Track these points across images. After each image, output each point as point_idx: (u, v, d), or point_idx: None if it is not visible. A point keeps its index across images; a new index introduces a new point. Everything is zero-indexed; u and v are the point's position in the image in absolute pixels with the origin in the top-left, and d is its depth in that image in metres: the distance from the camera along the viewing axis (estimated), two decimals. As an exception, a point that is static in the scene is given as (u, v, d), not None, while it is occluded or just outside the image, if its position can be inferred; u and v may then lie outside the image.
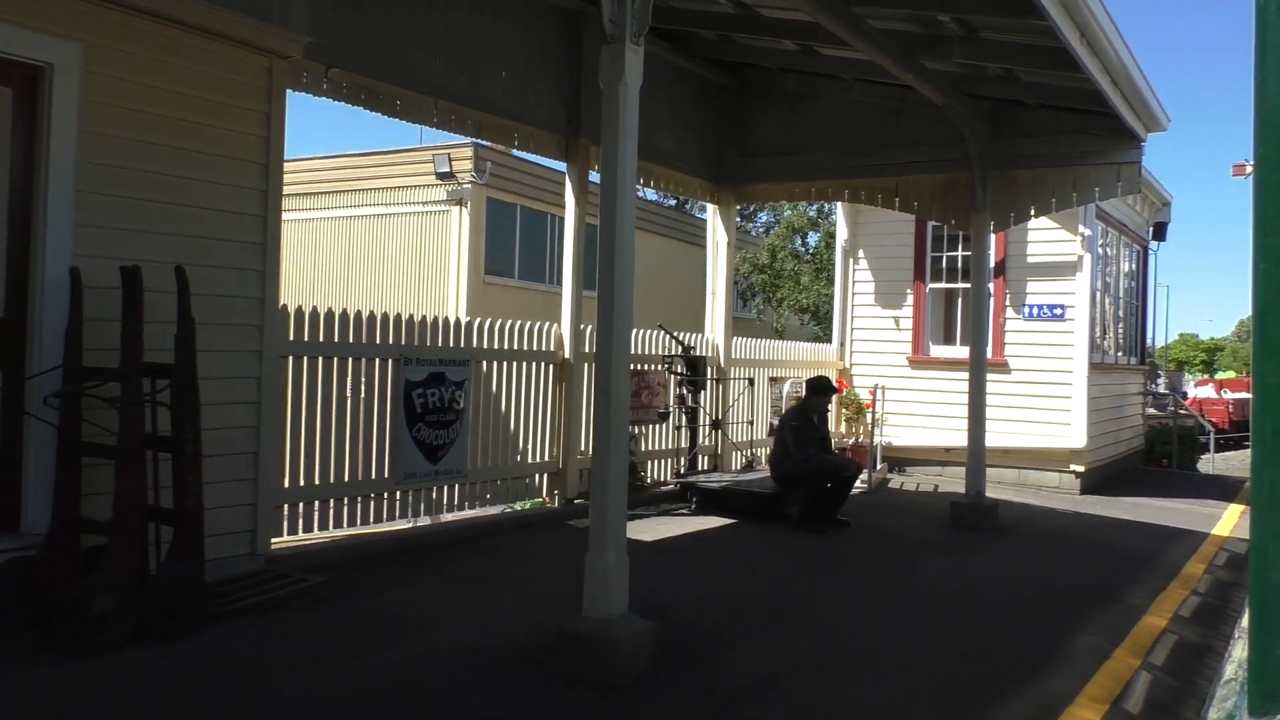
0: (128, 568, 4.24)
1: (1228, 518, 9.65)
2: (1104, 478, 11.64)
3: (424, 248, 17.08)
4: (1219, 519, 9.54)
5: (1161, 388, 27.15)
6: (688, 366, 9.34)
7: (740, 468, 9.88)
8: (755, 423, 10.44)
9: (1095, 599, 5.96)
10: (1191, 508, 10.31)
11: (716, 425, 9.73)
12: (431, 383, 6.70)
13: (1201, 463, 17.65)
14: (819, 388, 8.38)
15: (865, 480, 10.07)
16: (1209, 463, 18.81)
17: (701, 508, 8.48)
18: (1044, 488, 10.96)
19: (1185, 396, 30.00)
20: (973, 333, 8.64)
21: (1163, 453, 15.04)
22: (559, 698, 3.87)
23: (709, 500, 8.51)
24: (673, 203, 27.21)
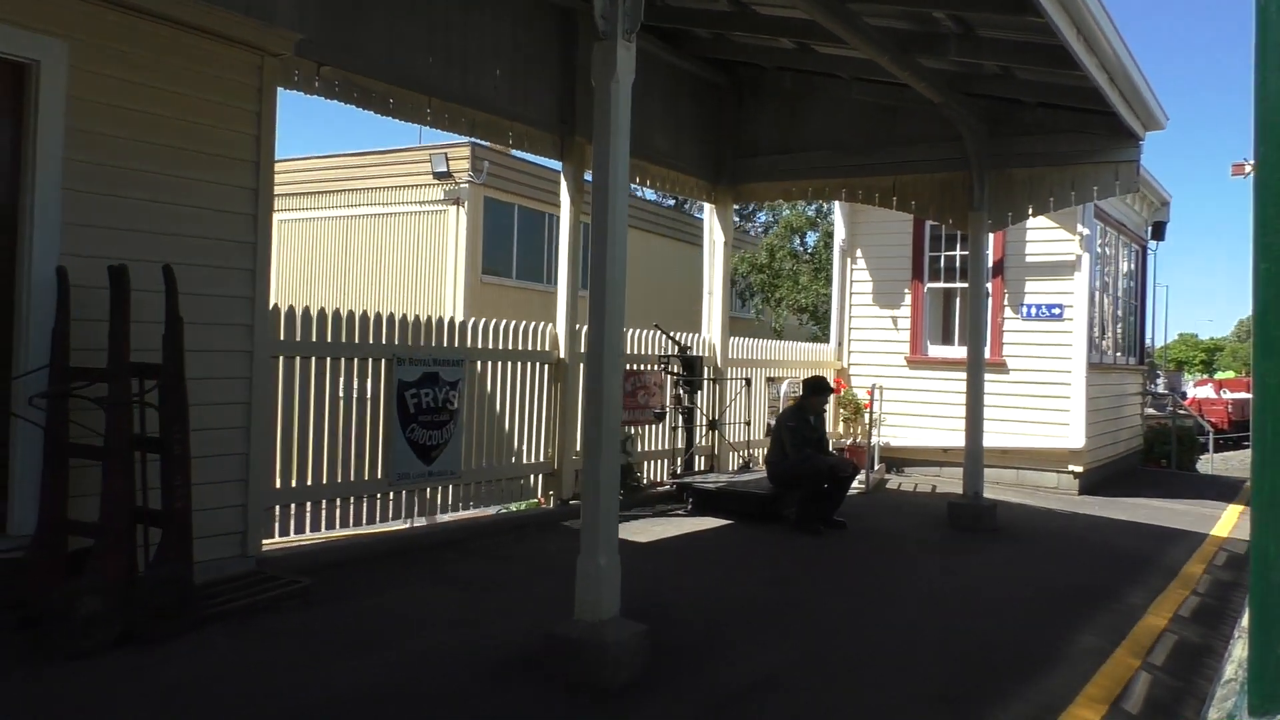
0: (115, 570, 4.20)
1: (1227, 518, 9.61)
2: (1103, 478, 11.60)
3: (421, 248, 17.03)
4: (1218, 519, 9.50)
5: (1161, 388, 27.11)
6: (684, 366, 9.29)
7: (737, 468, 9.84)
8: (752, 423, 10.39)
9: (1094, 599, 5.93)
10: (1191, 508, 10.27)
11: (713, 426, 9.69)
12: (425, 383, 6.65)
13: (1201, 463, 17.61)
14: (816, 388, 8.35)
15: (863, 481, 10.02)
16: (1208, 463, 18.79)
17: (698, 509, 8.44)
18: (1042, 488, 10.92)
19: (1184, 396, 29.97)
20: (970, 333, 8.60)
21: (1162, 453, 15.00)
22: (553, 701, 3.83)
23: (705, 501, 8.47)
24: (671, 203, 27.17)
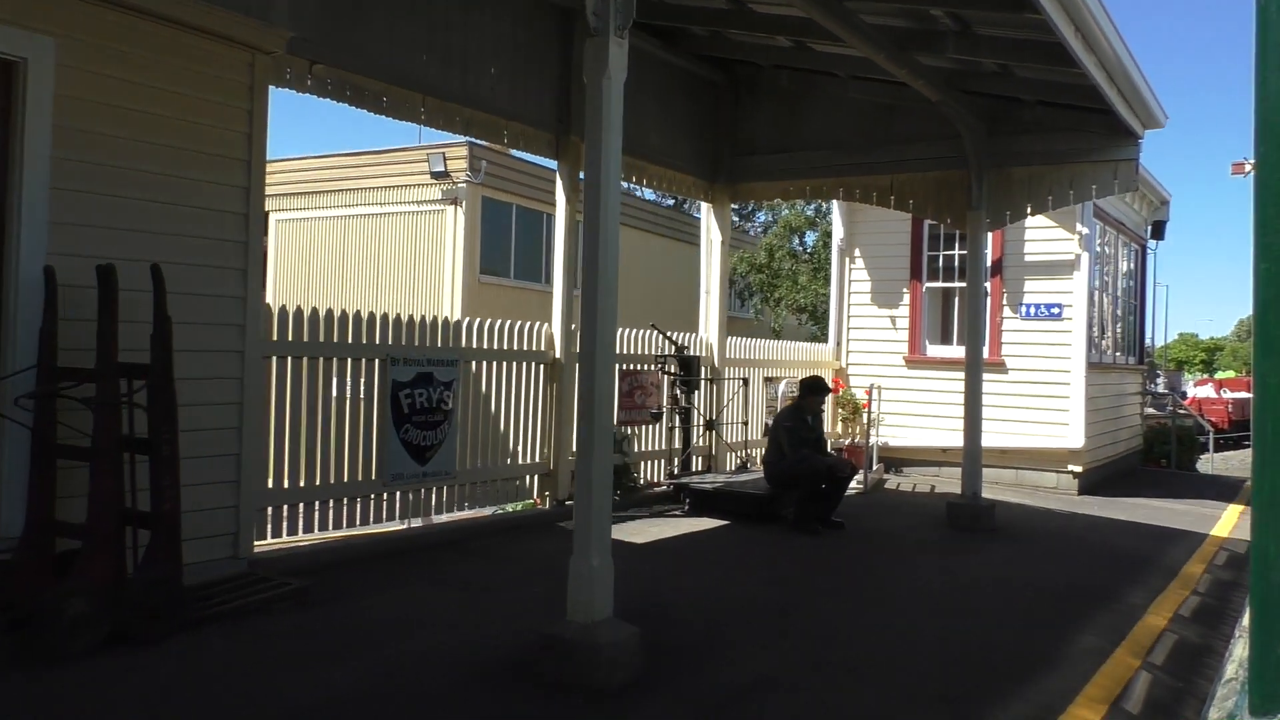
0: (102, 572, 4.16)
1: (1227, 518, 9.56)
2: (1102, 478, 11.55)
3: (419, 247, 16.99)
4: (1218, 519, 9.45)
5: (1160, 387, 27.07)
6: (681, 366, 9.25)
7: (734, 469, 9.79)
8: (750, 423, 10.35)
9: (1094, 599, 5.90)
10: (1190, 508, 10.23)
11: (710, 426, 9.64)
12: (419, 383, 6.61)
13: (1201, 463, 17.55)
14: (813, 388, 8.31)
15: (861, 481, 9.98)
16: (1208, 463, 18.72)
17: (695, 509, 8.39)
18: (1041, 488, 10.88)
19: (1184, 396, 29.92)
20: (968, 332, 8.56)
21: (1161, 453, 14.95)
22: (546, 703, 3.79)
23: (702, 501, 8.43)
24: (671, 202, 27.12)
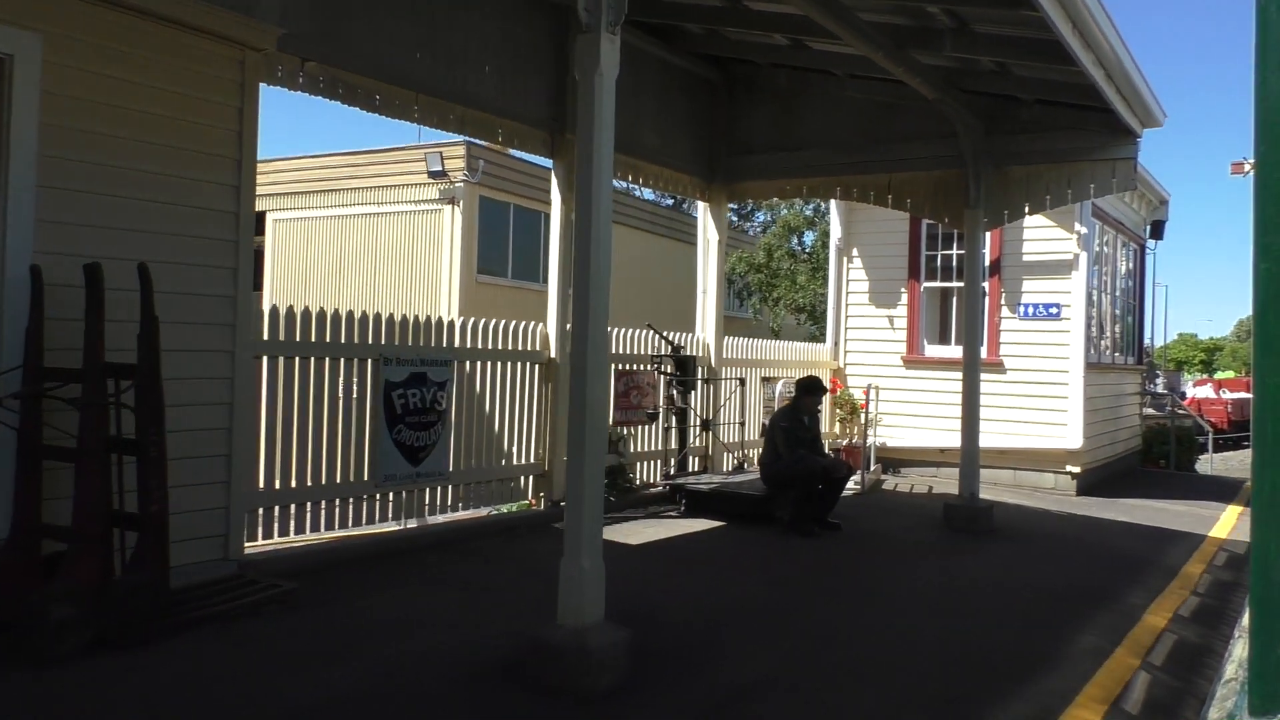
0: (88, 574, 4.12)
1: (1226, 519, 9.52)
2: (1100, 479, 11.51)
3: (416, 247, 16.94)
4: (1217, 520, 9.41)
5: (1160, 388, 27.00)
6: (677, 366, 9.20)
7: (731, 469, 9.75)
8: (747, 423, 10.30)
9: (1093, 600, 5.87)
10: (1189, 509, 10.18)
11: (706, 426, 9.60)
12: (412, 383, 6.56)
13: (1200, 463, 17.52)
14: (809, 388, 8.26)
15: (858, 481, 9.94)
16: (1207, 463, 18.68)
17: (691, 510, 8.35)
18: (1040, 489, 10.83)
19: (1184, 396, 29.88)
20: (966, 332, 8.51)
21: (1160, 453, 14.91)
22: (535, 707, 3.74)
23: (698, 502, 8.38)
24: (670, 202, 27.07)
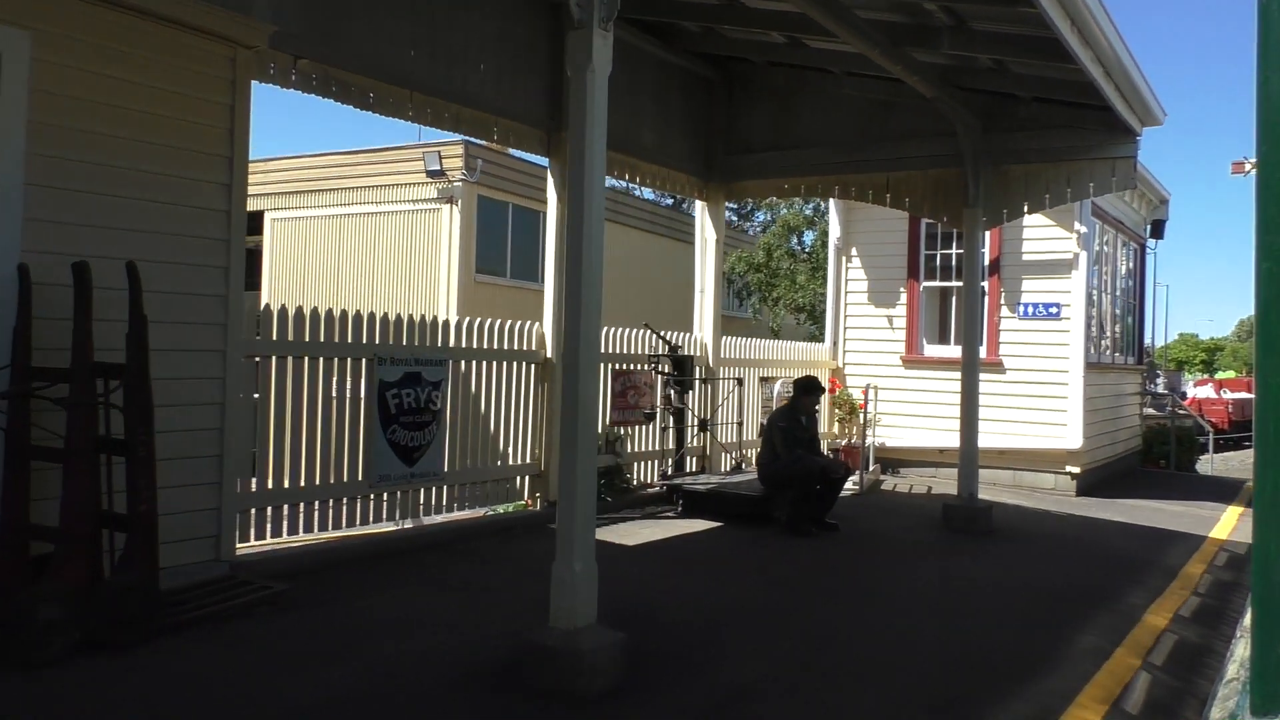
0: (75, 576, 4.07)
1: (1226, 520, 9.47)
2: (1100, 479, 11.46)
3: (415, 246, 16.89)
4: (1218, 521, 9.36)
5: (1160, 388, 26.95)
6: (674, 366, 9.16)
7: (729, 469, 9.70)
8: (744, 424, 10.26)
9: (1093, 601, 5.84)
10: (1189, 510, 10.14)
11: (704, 426, 9.56)
12: (406, 383, 6.52)
13: (1200, 464, 17.47)
14: (807, 388, 8.22)
15: (857, 482, 9.90)
16: (1208, 463, 18.64)
17: (688, 510, 8.31)
18: (1039, 489, 10.79)
19: (1184, 396, 29.82)
20: (965, 332, 8.47)
21: (1161, 453, 14.86)
22: (527, 710, 3.71)
23: (695, 503, 8.34)
24: (670, 202, 27.02)
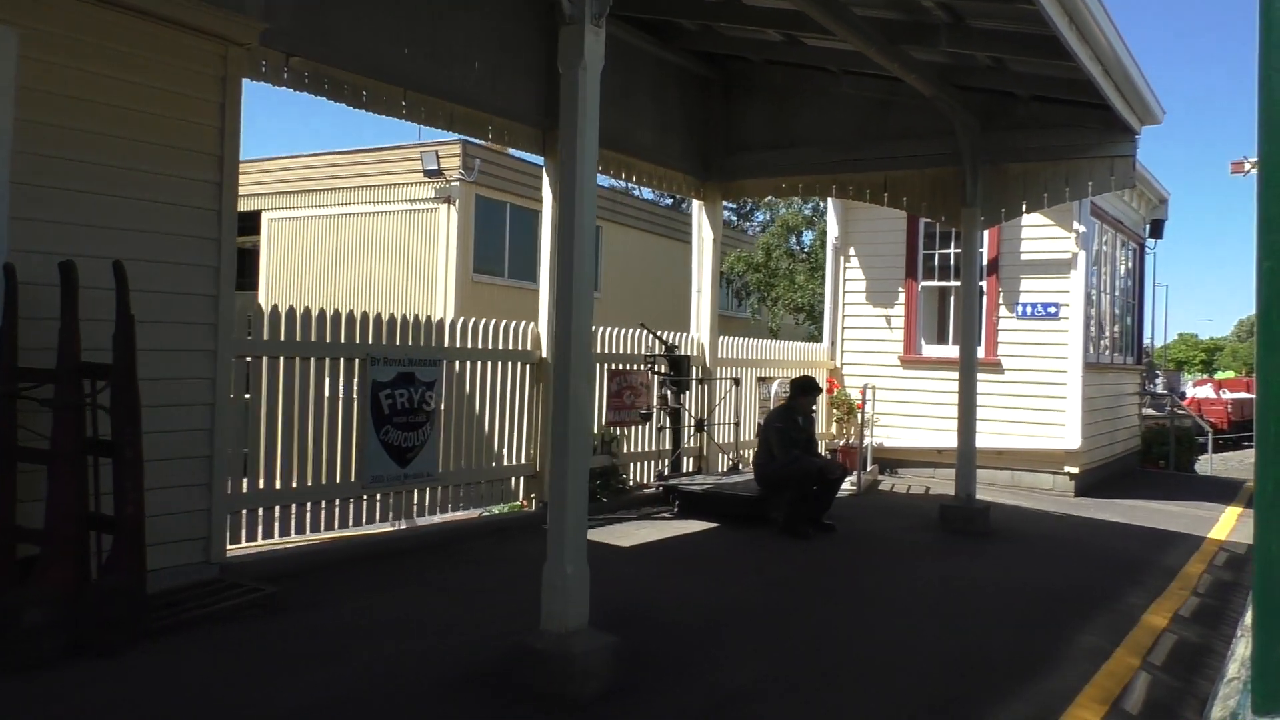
0: (60, 579, 4.03)
1: (1226, 520, 9.43)
2: (1099, 480, 11.42)
3: (412, 246, 16.84)
4: (1217, 521, 9.32)
5: (1159, 388, 26.90)
6: (671, 366, 9.11)
7: (726, 470, 9.66)
8: (741, 424, 10.21)
9: (1092, 601, 5.81)
10: (1189, 510, 10.09)
11: (701, 426, 9.51)
12: (400, 383, 6.47)
13: (1199, 464, 17.42)
14: (804, 388, 8.18)
15: (854, 482, 9.85)
16: (1207, 464, 18.59)
17: (684, 511, 8.26)
18: (1037, 490, 10.74)
19: (1183, 396, 29.77)
20: (963, 332, 8.42)
21: (1160, 454, 14.82)
22: (520, 713, 3.66)
23: (691, 503, 8.29)
24: (669, 202, 26.98)
